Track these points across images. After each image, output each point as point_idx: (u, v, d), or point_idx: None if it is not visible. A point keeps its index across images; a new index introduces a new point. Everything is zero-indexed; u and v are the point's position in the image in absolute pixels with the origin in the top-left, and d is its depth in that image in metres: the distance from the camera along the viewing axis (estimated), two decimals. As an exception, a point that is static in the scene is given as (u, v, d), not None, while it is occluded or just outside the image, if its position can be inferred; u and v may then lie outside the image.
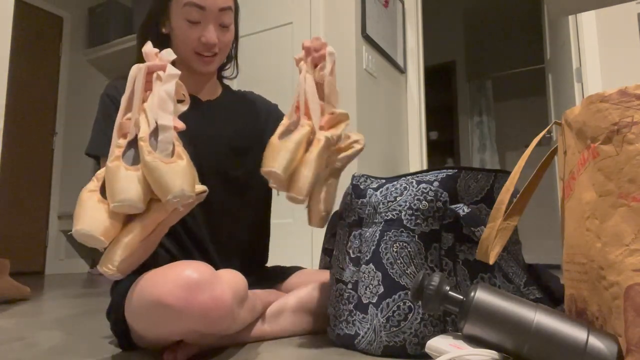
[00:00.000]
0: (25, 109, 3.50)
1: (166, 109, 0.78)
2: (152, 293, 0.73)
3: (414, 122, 2.92)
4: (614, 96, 0.60)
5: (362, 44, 2.42)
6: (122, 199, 0.72)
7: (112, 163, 0.75)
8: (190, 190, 0.74)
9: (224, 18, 1.01)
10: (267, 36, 2.52)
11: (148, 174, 0.73)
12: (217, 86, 1.16)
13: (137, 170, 0.75)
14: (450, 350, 0.61)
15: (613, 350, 0.55)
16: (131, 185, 0.73)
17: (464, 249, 0.84)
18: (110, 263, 0.73)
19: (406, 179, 0.88)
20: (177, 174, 0.73)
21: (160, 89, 0.79)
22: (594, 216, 0.61)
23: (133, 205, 0.73)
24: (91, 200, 0.75)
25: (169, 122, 0.78)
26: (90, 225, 0.71)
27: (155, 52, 0.83)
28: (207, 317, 0.72)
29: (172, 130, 0.78)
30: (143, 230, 0.76)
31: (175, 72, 0.81)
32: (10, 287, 1.78)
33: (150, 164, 0.73)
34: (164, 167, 0.73)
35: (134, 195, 0.72)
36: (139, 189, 0.73)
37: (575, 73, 2.26)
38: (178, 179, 0.72)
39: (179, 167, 0.74)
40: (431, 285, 0.66)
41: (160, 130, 0.77)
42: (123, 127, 0.80)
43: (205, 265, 0.76)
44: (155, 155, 0.74)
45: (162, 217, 0.77)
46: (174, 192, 0.72)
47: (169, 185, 0.72)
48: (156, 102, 0.78)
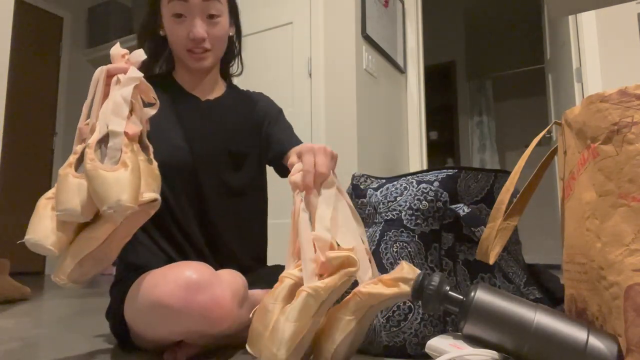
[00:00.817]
0: (25, 109, 3.50)
1: (119, 114, 0.75)
2: (152, 294, 0.73)
3: (414, 122, 2.92)
4: (614, 96, 0.60)
5: (362, 44, 2.42)
6: (63, 208, 0.69)
7: (64, 171, 0.72)
8: (129, 200, 0.68)
9: (209, 9, 0.97)
10: (267, 36, 2.52)
11: (88, 182, 0.70)
12: (219, 84, 1.12)
13: (83, 178, 0.72)
14: (450, 350, 0.61)
15: (613, 350, 0.55)
16: (74, 194, 0.70)
17: (464, 249, 0.84)
18: (61, 273, 0.71)
19: (406, 179, 0.88)
20: (116, 183, 0.69)
21: (117, 93, 0.76)
22: (594, 216, 0.61)
23: (74, 215, 0.70)
24: (45, 209, 0.72)
25: (120, 127, 0.74)
26: (40, 235, 0.69)
27: (123, 53, 0.80)
28: (207, 317, 0.72)
29: (122, 137, 0.73)
30: (90, 242, 0.72)
31: (135, 75, 0.77)
32: (10, 287, 1.78)
33: (89, 172, 0.69)
34: (103, 176, 0.69)
35: (76, 205, 0.69)
36: (84, 198, 0.70)
37: (575, 73, 2.26)
38: (114, 189, 0.68)
39: (120, 176, 0.70)
40: (431, 285, 0.66)
41: (110, 136, 0.73)
42: (82, 132, 0.77)
43: (205, 265, 0.76)
44: (95, 164, 0.70)
45: (112, 228, 0.73)
46: (109, 202, 0.67)
47: (105, 195, 0.68)
48: (110, 107, 0.75)
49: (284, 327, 0.63)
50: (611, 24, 2.18)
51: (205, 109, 1.06)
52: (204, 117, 1.04)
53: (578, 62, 2.26)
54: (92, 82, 0.78)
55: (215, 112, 1.07)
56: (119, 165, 0.71)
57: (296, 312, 0.63)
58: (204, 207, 0.99)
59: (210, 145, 1.01)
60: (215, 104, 1.08)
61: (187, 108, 1.03)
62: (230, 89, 1.14)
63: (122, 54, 0.80)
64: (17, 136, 3.41)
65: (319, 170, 0.74)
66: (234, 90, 1.15)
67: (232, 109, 1.09)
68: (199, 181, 0.98)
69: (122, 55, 0.80)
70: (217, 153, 1.01)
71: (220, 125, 1.05)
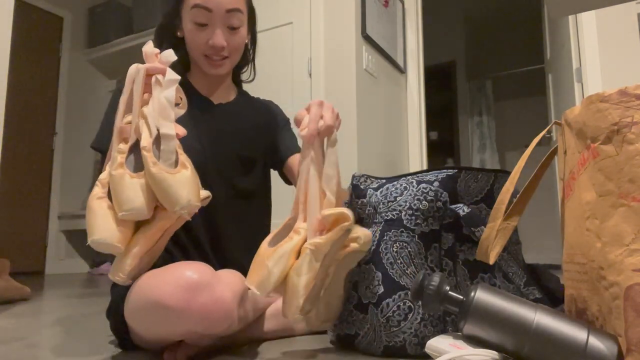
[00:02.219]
0: (25, 109, 3.50)
1: (167, 117, 0.77)
2: (152, 294, 0.73)
3: (414, 122, 2.92)
4: (614, 96, 0.60)
5: (362, 44, 2.42)
6: (130, 208, 0.73)
7: (117, 171, 0.75)
8: (196, 199, 0.74)
9: (232, 20, 0.99)
10: (267, 36, 2.53)
11: (154, 185, 0.73)
12: (231, 89, 1.14)
13: (140, 178, 0.75)
14: (450, 350, 0.61)
15: (613, 350, 0.55)
16: (137, 194, 0.73)
17: (464, 249, 0.84)
18: (121, 272, 0.75)
19: (406, 179, 0.88)
20: (183, 184, 0.73)
21: (161, 95, 0.78)
22: (594, 216, 0.61)
23: (140, 213, 0.74)
24: (101, 208, 0.75)
25: (172, 130, 0.77)
26: (106, 234, 0.72)
27: (156, 52, 0.82)
28: (207, 318, 0.71)
29: (175, 140, 0.77)
30: (149, 240, 0.77)
31: (175, 77, 0.79)
32: (10, 287, 1.78)
33: (156, 176, 0.72)
34: (170, 179, 0.73)
35: (140, 204, 0.73)
36: (145, 197, 0.74)
37: (575, 73, 2.26)
38: (184, 190, 0.73)
39: (184, 177, 0.74)
40: (431, 285, 0.66)
41: (162, 140, 0.76)
42: (123, 131, 0.79)
43: (205, 265, 0.76)
44: (160, 167, 0.73)
45: (168, 225, 0.78)
46: (181, 203, 0.72)
47: (175, 196, 0.72)
48: (157, 109, 0.77)
49: (297, 281, 0.73)
50: (611, 24, 2.18)
51: (218, 112, 1.08)
52: (217, 121, 1.06)
53: (578, 62, 2.26)
54: (128, 80, 0.79)
55: (228, 116, 1.08)
56: (179, 167, 0.76)
57: (304, 266, 0.73)
58: (212, 209, 0.99)
59: (222, 148, 1.03)
60: (228, 109, 1.10)
61: (201, 110, 1.05)
62: (240, 95, 1.16)
63: (156, 53, 0.81)
64: (17, 136, 3.41)
65: (326, 123, 0.80)
66: (244, 96, 1.17)
67: (243, 114, 1.11)
68: (208, 183, 0.98)
69: (155, 55, 0.81)
70: (228, 156, 1.03)
71: (232, 130, 1.07)
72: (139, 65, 0.79)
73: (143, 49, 0.81)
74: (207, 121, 1.04)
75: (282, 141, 1.14)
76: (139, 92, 0.78)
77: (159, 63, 0.81)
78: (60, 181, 3.67)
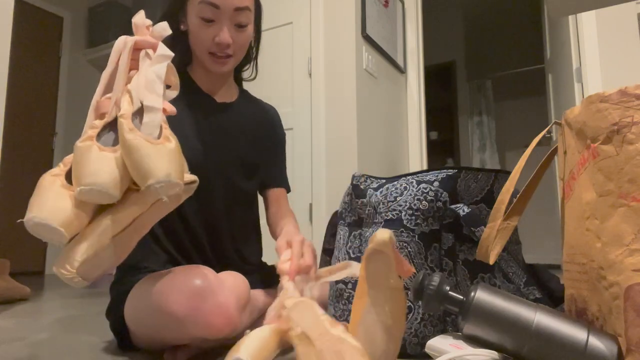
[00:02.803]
0: (25, 109, 3.50)
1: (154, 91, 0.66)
2: (156, 300, 0.72)
3: (414, 122, 2.92)
4: (614, 96, 0.60)
5: (362, 44, 2.42)
6: (91, 182, 0.58)
7: (83, 142, 0.62)
8: (177, 176, 0.61)
9: (240, 18, 0.95)
10: (267, 36, 2.52)
11: (127, 154, 0.60)
12: (233, 87, 1.11)
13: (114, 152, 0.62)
14: (450, 350, 0.61)
15: (613, 350, 0.55)
16: (104, 167, 0.60)
17: (464, 249, 0.84)
18: (68, 263, 0.59)
19: (406, 179, 0.88)
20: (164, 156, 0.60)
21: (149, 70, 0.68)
22: (594, 216, 0.61)
23: (104, 191, 0.59)
24: (53, 185, 0.61)
25: (157, 103, 0.65)
26: (46, 213, 0.57)
27: (148, 24, 0.72)
28: (211, 325, 0.71)
29: (160, 113, 0.65)
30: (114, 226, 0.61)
31: (167, 53, 0.70)
32: (10, 287, 1.78)
33: (130, 141, 0.59)
34: (148, 147, 0.60)
35: (106, 179, 0.59)
36: (115, 172, 0.60)
37: (575, 73, 2.26)
38: (164, 162, 0.60)
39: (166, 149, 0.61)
40: (431, 285, 0.66)
41: (146, 112, 0.64)
42: (101, 106, 0.67)
43: (208, 270, 0.75)
44: (137, 133, 0.61)
45: (140, 212, 0.64)
46: (159, 176, 0.59)
47: (152, 167, 0.59)
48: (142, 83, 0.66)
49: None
50: (611, 24, 2.18)
51: (222, 112, 1.05)
52: (220, 121, 1.04)
53: (578, 62, 2.26)
54: (114, 52, 0.69)
55: (232, 117, 1.06)
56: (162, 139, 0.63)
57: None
58: (212, 211, 0.99)
59: (226, 150, 1.02)
60: (231, 108, 1.07)
61: (203, 108, 1.03)
62: (242, 95, 1.13)
63: (147, 25, 0.72)
64: (17, 136, 3.41)
65: (305, 262, 0.77)
66: (246, 96, 1.15)
67: (246, 116, 1.09)
68: (210, 184, 0.98)
69: (147, 27, 0.72)
70: (231, 159, 1.02)
71: (236, 132, 1.05)
72: (127, 37, 0.70)
73: (133, 19, 0.71)
74: (210, 120, 1.02)
75: (273, 165, 1.14)
76: (124, 66, 0.68)
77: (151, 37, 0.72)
78: (60, 181, 3.67)
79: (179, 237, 0.97)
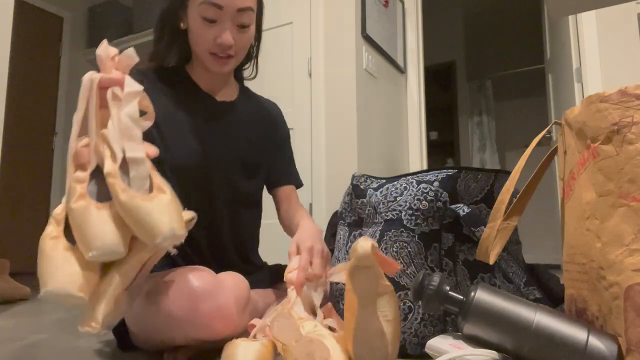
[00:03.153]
0: (25, 109, 3.50)
1: (133, 138, 0.65)
2: (155, 301, 0.72)
3: (414, 122, 2.92)
4: (614, 96, 0.60)
5: (362, 44, 2.42)
6: (100, 246, 0.59)
7: (77, 203, 0.62)
8: (180, 227, 0.62)
9: (242, 19, 0.94)
10: (267, 36, 2.52)
11: (127, 215, 0.61)
12: (234, 86, 1.10)
13: (110, 208, 0.62)
14: (450, 350, 0.61)
15: (613, 350, 0.55)
16: (107, 228, 0.61)
17: (464, 249, 0.84)
18: (93, 321, 0.62)
19: (406, 179, 0.88)
20: (163, 211, 0.61)
21: (122, 113, 0.65)
22: (594, 216, 0.61)
23: (115, 252, 0.61)
24: (57, 250, 0.62)
25: (140, 153, 0.64)
26: (62, 283, 0.59)
27: (112, 55, 0.69)
28: (211, 327, 0.71)
29: (145, 163, 0.65)
30: (126, 278, 0.64)
31: (136, 89, 0.67)
32: (10, 287, 1.78)
33: (127, 204, 0.60)
34: (146, 206, 0.60)
35: (114, 240, 0.60)
36: (116, 230, 0.61)
37: (575, 73, 2.26)
38: (165, 217, 0.61)
39: (163, 202, 0.62)
40: (431, 285, 0.66)
41: (131, 165, 0.64)
42: (80, 155, 0.66)
43: (208, 271, 0.75)
44: (132, 193, 0.61)
45: (147, 257, 0.66)
46: (164, 233, 0.60)
47: (155, 226, 0.60)
48: (118, 130, 0.65)
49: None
50: (611, 24, 2.18)
51: (222, 111, 1.04)
52: (221, 120, 1.02)
53: (578, 62, 2.26)
54: (82, 93, 0.67)
55: (231, 116, 1.05)
56: (155, 191, 0.64)
57: None
58: (212, 212, 0.98)
59: (227, 150, 1.01)
60: (231, 108, 1.06)
61: (203, 108, 1.01)
62: (243, 93, 1.12)
63: (112, 56, 0.69)
64: (17, 136, 3.41)
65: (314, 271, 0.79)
66: (247, 94, 1.14)
67: (246, 115, 1.08)
68: (209, 186, 0.97)
69: (112, 58, 0.69)
70: (232, 160, 1.01)
71: (237, 132, 1.04)
72: (93, 74, 0.67)
73: (97, 51, 0.68)
74: (210, 120, 1.01)
75: (278, 162, 1.12)
76: (94, 110, 0.66)
77: (118, 68, 0.70)
78: (60, 181, 3.66)
79: None
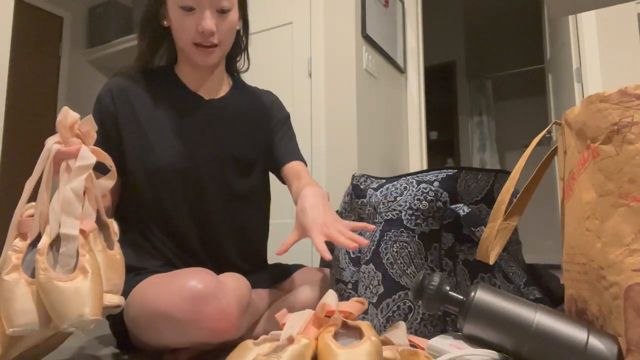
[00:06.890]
0: (25, 109, 3.50)
1: (71, 213, 0.65)
2: (156, 305, 0.72)
3: (414, 122, 2.92)
4: (614, 96, 0.60)
5: (362, 44, 2.42)
6: (22, 323, 0.61)
7: (9, 276, 0.62)
8: (92, 313, 0.61)
9: (221, 3, 0.92)
10: (267, 36, 2.52)
11: (42, 295, 0.61)
12: (225, 82, 1.08)
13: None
14: (450, 350, 0.61)
15: (613, 350, 0.55)
16: (33, 306, 0.62)
17: (464, 249, 0.84)
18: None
19: (406, 179, 0.88)
20: (75, 295, 0.61)
21: (67, 188, 0.66)
22: (594, 216, 0.61)
23: (34, 330, 0.62)
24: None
25: (74, 230, 0.65)
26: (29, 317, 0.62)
27: (72, 122, 0.69)
28: (213, 330, 0.71)
29: (76, 241, 0.65)
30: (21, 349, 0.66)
31: (87, 163, 0.67)
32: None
33: (44, 285, 0.60)
34: (59, 289, 0.60)
35: (36, 319, 0.61)
36: (41, 309, 0.62)
37: (575, 73, 2.26)
38: (76, 303, 0.60)
39: (78, 285, 0.62)
40: (431, 285, 0.66)
41: (63, 241, 0.64)
42: (22, 225, 0.66)
43: (210, 273, 0.75)
44: (49, 275, 0.61)
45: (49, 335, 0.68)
46: (69, 319, 0.60)
47: (64, 311, 0.60)
48: (60, 204, 0.65)
49: None
50: (611, 24, 2.18)
51: (209, 109, 1.02)
52: (208, 119, 1.00)
53: (578, 62, 2.26)
54: (39, 162, 0.67)
55: (220, 114, 1.02)
56: (77, 271, 0.63)
57: None
58: (204, 212, 0.97)
59: (215, 149, 0.98)
60: (220, 105, 1.04)
61: (190, 108, 1.00)
62: (236, 87, 1.10)
63: (71, 125, 0.69)
64: (17, 136, 3.41)
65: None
66: (240, 87, 1.11)
67: (238, 110, 1.05)
68: (201, 186, 0.96)
69: (71, 126, 0.69)
70: (222, 158, 0.99)
71: (226, 129, 1.01)
72: (53, 144, 0.67)
73: (57, 119, 0.68)
74: (196, 119, 0.99)
75: (280, 143, 1.08)
76: (46, 181, 0.66)
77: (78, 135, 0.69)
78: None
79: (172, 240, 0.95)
